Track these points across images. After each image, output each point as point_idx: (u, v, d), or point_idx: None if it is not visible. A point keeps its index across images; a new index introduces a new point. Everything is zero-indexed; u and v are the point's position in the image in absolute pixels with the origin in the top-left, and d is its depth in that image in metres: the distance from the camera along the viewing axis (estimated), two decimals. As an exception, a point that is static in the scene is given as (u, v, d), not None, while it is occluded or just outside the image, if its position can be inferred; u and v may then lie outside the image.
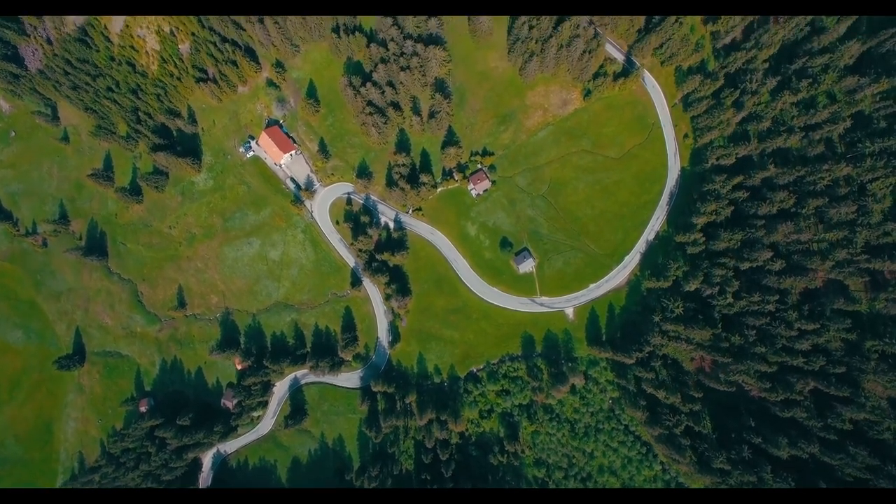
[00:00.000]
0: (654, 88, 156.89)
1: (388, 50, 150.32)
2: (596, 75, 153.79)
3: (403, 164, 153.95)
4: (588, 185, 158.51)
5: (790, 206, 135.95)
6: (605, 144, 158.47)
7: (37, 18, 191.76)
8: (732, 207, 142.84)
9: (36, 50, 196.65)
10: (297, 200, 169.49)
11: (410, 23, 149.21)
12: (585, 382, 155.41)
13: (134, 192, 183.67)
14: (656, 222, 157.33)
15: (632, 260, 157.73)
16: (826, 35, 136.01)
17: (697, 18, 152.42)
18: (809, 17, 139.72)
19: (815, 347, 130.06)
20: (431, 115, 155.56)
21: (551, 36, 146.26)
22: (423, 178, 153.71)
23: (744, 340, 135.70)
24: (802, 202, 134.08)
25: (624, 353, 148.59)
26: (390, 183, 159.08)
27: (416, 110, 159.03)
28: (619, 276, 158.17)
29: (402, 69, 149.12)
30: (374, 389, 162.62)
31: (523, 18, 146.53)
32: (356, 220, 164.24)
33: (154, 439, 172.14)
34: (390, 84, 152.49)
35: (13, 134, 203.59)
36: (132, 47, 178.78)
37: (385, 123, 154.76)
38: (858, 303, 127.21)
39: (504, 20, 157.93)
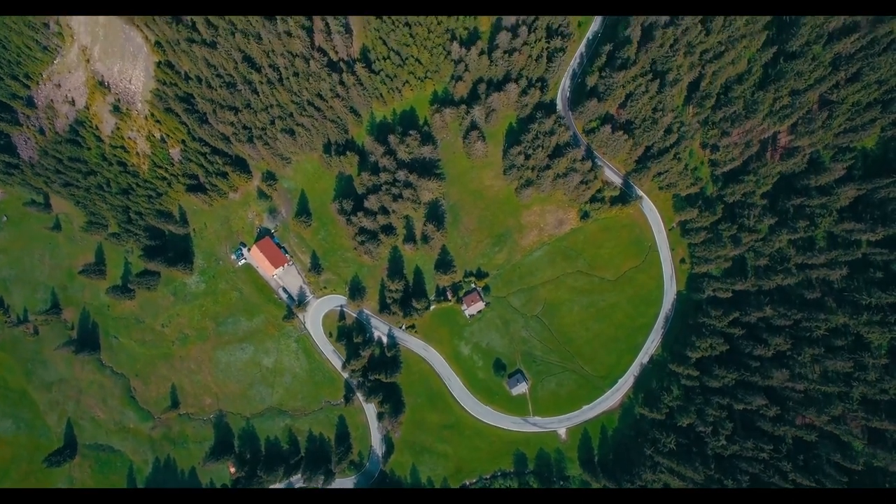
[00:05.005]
0: (651, 211, 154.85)
1: (380, 178, 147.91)
2: (593, 199, 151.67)
3: (396, 290, 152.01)
4: (583, 307, 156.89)
5: (786, 349, 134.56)
6: (601, 266, 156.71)
7: (30, 108, 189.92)
8: (728, 346, 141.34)
9: (28, 139, 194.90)
10: (290, 314, 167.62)
11: (403, 150, 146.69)
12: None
13: (126, 290, 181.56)
14: (651, 345, 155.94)
15: (625, 383, 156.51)
16: (823, 175, 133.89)
17: (696, 143, 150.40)
18: (808, 155, 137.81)
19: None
20: (424, 239, 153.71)
21: (548, 167, 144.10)
22: (416, 303, 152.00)
23: (737, 486, 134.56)
24: (798, 348, 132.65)
25: (616, 484, 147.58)
26: (383, 307, 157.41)
27: (409, 235, 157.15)
28: (612, 398, 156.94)
29: (395, 198, 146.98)
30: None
31: (518, 148, 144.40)
32: (349, 336, 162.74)
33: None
34: (383, 210, 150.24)
35: (5, 219, 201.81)
36: (123, 148, 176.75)
37: (377, 247, 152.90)
38: (856, 462, 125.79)
39: (499, 141, 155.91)
